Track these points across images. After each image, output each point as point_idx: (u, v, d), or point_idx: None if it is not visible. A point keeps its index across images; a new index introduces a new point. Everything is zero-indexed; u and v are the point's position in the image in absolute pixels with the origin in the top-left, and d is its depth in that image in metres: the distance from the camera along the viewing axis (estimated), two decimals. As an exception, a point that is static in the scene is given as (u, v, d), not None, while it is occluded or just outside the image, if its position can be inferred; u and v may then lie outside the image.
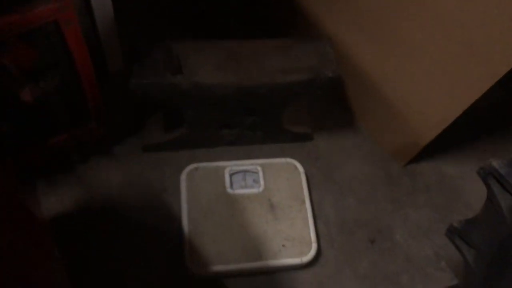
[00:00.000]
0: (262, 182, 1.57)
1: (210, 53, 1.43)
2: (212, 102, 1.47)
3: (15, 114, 1.35)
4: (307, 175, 1.64)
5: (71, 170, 1.58)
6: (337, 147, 1.79)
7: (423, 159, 1.76)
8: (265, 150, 1.73)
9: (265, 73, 1.42)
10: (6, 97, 1.27)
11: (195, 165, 1.58)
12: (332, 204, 1.65)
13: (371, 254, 1.57)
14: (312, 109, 1.83)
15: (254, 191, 1.56)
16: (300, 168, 1.63)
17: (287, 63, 1.44)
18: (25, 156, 1.46)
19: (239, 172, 1.59)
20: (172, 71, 1.37)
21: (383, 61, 1.60)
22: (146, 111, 1.69)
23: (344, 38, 1.70)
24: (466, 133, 1.82)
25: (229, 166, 1.59)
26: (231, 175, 1.58)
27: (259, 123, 1.63)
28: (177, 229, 1.48)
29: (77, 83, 1.36)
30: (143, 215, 1.54)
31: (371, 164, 1.76)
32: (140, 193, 1.58)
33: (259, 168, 1.60)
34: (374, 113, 1.77)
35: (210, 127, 1.61)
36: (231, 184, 1.56)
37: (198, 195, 1.52)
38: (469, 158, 1.81)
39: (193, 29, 1.97)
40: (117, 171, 1.61)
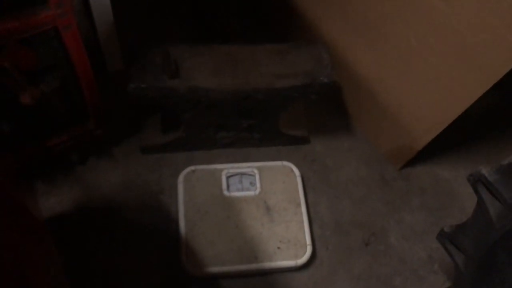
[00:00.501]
0: (258, 184, 1.59)
1: (207, 57, 1.45)
2: (209, 105, 1.48)
3: (15, 114, 1.37)
4: (303, 178, 1.66)
5: (70, 170, 1.60)
6: (333, 150, 1.81)
7: (418, 162, 1.78)
8: (261, 152, 1.75)
9: (262, 77, 1.43)
10: (6, 98, 1.29)
11: (192, 168, 1.60)
12: (327, 206, 1.67)
13: (365, 256, 1.59)
14: (308, 112, 1.85)
15: (250, 193, 1.57)
16: (296, 171, 1.65)
17: (283, 68, 1.45)
18: (25, 156, 1.48)
19: (235, 174, 1.61)
20: (169, 75, 1.39)
21: (379, 65, 1.62)
22: (144, 113, 1.71)
23: (340, 42, 1.72)
24: (461, 137, 1.84)
25: (226, 168, 1.61)
26: (227, 178, 1.60)
27: (255, 126, 1.65)
28: (174, 230, 1.50)
29: (76, 84, 1.38)
30: (140, 216, 1.55)
31: (366, 167, 1.78)
32: (137, 194, 1.59)
33: (256, 170, 1.62)
34: (370, 116, 1.79)
35: (207, 130, 1.63)
36: (228, 186, 1.58)
37: (195, 197, 1.54)
38: (464, 162, 1.83)
39: (192, 33, 1.99)
40: (115, 172, 1.63)
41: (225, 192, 1.56)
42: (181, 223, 1.49)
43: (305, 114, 1.82)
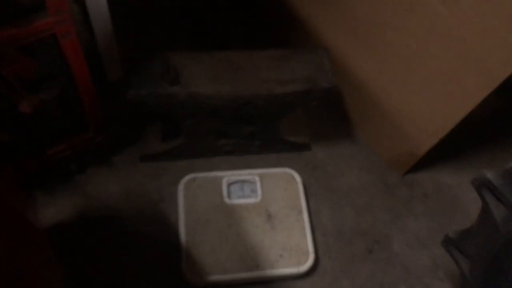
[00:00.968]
0: (259, 192, 1.58)
1: (207, 64, 1.45)
2: (209, 112, 1.48)
3: (14, 123, 1.36)
4: (304, 185, 1.65)
5: (69, 179, 1.59)
6: (335, 157, 1.80)
7: (420, 168, 1.77)
8: (263, 159, 1.74)
9: (262, 83, 1.43)
10: (5, 107, 1.28)
11: (192, 175, 1.59)
12: (329, 213, 1.66)
13: (368, 263, 1.57)
14: (309, 119, 1.84)
15: (251, 201, 1.56)
16: (297, 178, 1.64)
17: (283, 74, 1.45)
18: (24, 165, 1.47)
19: (236, 182, 1.60)
20: (169, 81, 1.38)
21: (380, 71, 1.61)
22: (144, 121, 1.70)
23: (341, 48, 1.71)
24: (463, 142, 1.83)
25: (227, 176, 1.60)
26: (228, 185, 1.58)
27: (256, 133, 1.64)
28: (175, 238, 1.49)
29: (75, 93, 1.38)
30: (140, 224, 1.54)
31: (368, 173, 1.77)
32: (138, 203, 1.58)
33: (257, 178, 1.60)
34: (371, 123, 1.78)
35: (207, 137, 1.62)
36: (229, 194, 1.57)
37: (195, 205, 1.53)
38: (467, 167, 1.81)
39: (192, 40, 1.99)
40: (115, 181, 1.62)
41: (226, 199, 1.55)
42: (182, 231, 1.47)
43: (306, 121, 1.82)
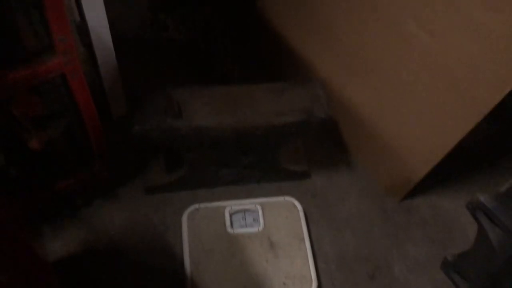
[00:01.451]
0: (261, 221, 1.61)
1: (207, 98, 1.50)
2: (210, 144, 1.52)
3: (22, 160, 1.40)
4: (305, 213, 1.68)
5: (76, 213, 1.62)
6: (334, 184, 1.83)
7: (418, 194, 1.80)
8: (264, 188, 1.77)
9: (260, 115, 1.48)
10: (14, 144, 1.32)
11: (196, 206, 1.62)
12: (330, 241, 1.68)
13: (371, 289, 1.59)
14: (308, 148, 1.88)
15: (254, 230, 1.59)
16: (298, 206, 1.67)
17: (281, 106, 1.50)
18: (31, 200, 1.50)
19: (239, 211, 1.63)
20: (172, 116, 1.44)
21: (374, 100, 1.67)
22: (147, 154, 1.75)
23: (335, 80, 1.77)
24: (458, 167, 1.86)
25: (229, 205, 1.63)
26: (231, 215, 1.61)
27: (256, 162, 1.68)
28: (180, 269, 1.51)
29: (82, 129, 1.42)
30: (146, 256, 1.56)
31: (367, 200, 1.80)
32: (143, 235, 1.61)
33: (259, 207, 1.64)
34: (368, 150, 1.83)
35: (209, 168, 1.66)
36: (232, 223, 1.60)
37: (199, 235, 1.56)
38: (463, 191, 1.83)
39: (192, 76, 2.06)
40: (120, 213, 1.65)
41: (229, 229, 1.58)
42: (186, 261, 1.50)
43: (305, 150, 1.86)
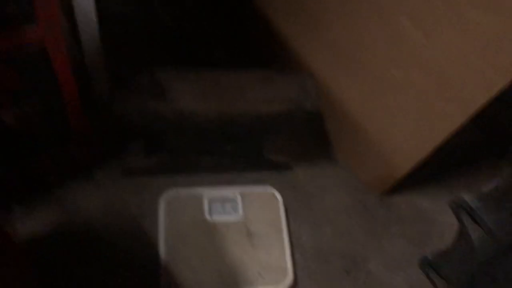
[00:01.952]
0: (240, 209, 1.59)
1: (193, 82, 1.47)
2: (193, 129, 1.49)
3: (-4, 135, 1.35)
4: (285, 204, 1.66)
5: (49, 193, 1.57)
6: (315, 177, 1.82)
7: (398, 191, 1.80)
8: (245, 178, 1.75)
9: (247, 102, 1.45)
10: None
11: (174, 191, 1.59)
12: (309, 233, 1.67)
13: (346, 284, 1.58)
14: (292, 139, 1.87)
15: (232, 218, 1.57)
16: (278, 197, 1.66)
17: (269, 94, 1.48)
18: (2, 177, 1.45)
19: (218, 199, 1.61)
20: (155, 97, 1.40)
21: (361, 96, 1.66)
22: (127, 137, 1.70)
23: (323, 73, 1.75)
24: (440, 167, 1.88)
25: (208, 192, 1.61)
26: (210, 202, 1.59)
27: (239, 150, 1.66)
28: (154, 254, 1.48)
29: (61, 107, 1.37)
30: (119, 240, 1.53)
31: (348, 195, 1.80)
32: (118, 218, 1.57)
33: (238, 195, 1.62)
34: (351, 145, 1.82)
35: (190, 153, 1.63)
36: (210, 210, 1.57)
37: (176, 221, 1.53)
38: (443, 192, 1.85)
39: (178, 60, 2.01)
40: (96, 195, 1.60)
41: (207, 216, 1.55)
42: (161, 247, 1.47)
43: (288, 141, 1.84)
